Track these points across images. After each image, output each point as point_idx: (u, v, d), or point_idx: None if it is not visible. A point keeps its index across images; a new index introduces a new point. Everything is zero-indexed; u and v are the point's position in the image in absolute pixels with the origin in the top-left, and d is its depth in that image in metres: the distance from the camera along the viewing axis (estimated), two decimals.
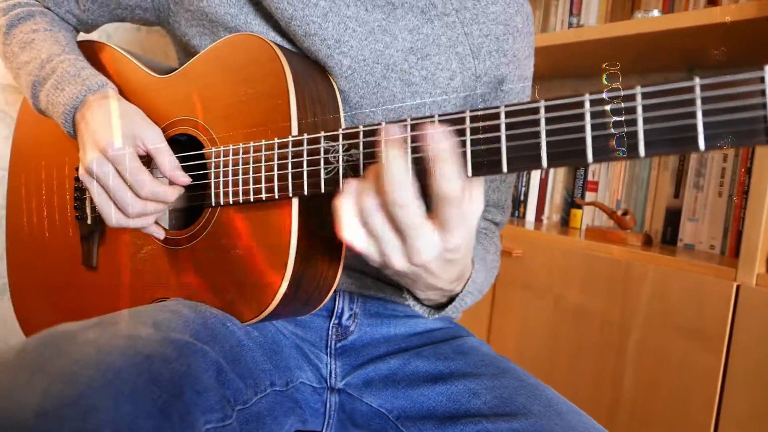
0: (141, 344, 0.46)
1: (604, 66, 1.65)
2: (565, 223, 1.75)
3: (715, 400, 1.12)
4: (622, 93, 0.45)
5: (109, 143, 0.67)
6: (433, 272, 0.54)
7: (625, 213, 1.42)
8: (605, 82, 1.75)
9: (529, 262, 1.47)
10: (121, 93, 0.79)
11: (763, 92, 0.41)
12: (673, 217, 1.46)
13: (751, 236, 1.11)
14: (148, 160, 0.71)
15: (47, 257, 0.86)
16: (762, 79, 0.41)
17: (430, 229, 0.49)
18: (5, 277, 1.34)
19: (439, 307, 0.68)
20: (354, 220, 0.51)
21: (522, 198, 1.83)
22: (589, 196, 1.66)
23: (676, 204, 1.46)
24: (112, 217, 0.69)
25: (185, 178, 0.70)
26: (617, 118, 0.45)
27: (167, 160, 0.69)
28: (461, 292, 0.65)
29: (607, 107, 0.45)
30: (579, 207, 1.69)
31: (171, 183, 0.70)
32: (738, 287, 1.10)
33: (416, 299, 0.68)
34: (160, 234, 0.73)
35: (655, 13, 1.28)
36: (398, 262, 0.51)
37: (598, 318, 1.30)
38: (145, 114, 0.73)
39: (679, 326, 1.17)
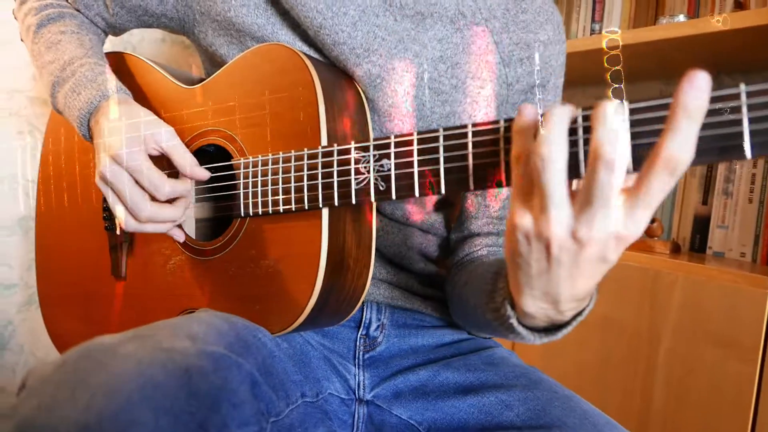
0: (179, 357, 0.45)
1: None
2: None
3: (750, 411, 1.09)
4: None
5: (120, 150, 0.68)
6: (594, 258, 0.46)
7: (652, 220, 1.40)
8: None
9: None
10: (150, 103, 0.80)
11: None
12: (701, 225, 1.44)
13: None
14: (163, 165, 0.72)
15: (76, 267, 0.87)
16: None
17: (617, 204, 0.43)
18: (34, 287, 1.35)
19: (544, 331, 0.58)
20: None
21: None
22: None
23: (704, 211, 1.43)
24: (126, 221, 0.69)
25: (204, 173, 0.71)
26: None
27: (183, 157, 0.70)
28: (582, 312, 0.55)
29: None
30: None
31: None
32: None
33: (522, 325, 0.57)
34: (180, 237, 0.73)
35: (681, 18, 1.26)
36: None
37: (627, 327, 1.28)
38: (160, 119, 0.73)
39: (710, 336, 1.15)
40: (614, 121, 0.41)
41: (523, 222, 0.46)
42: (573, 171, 0.45)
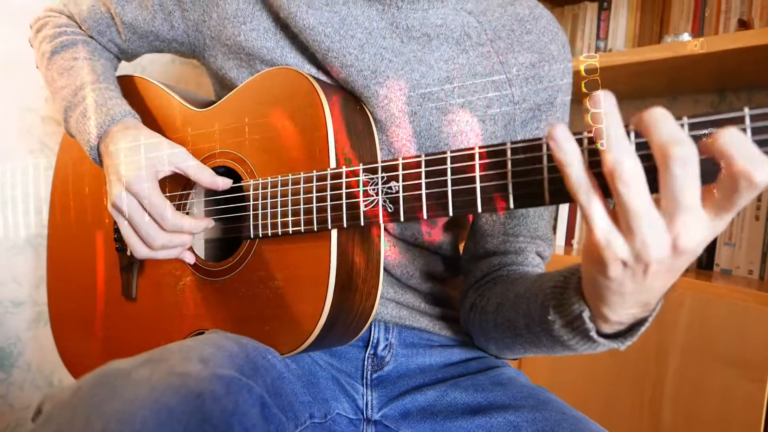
0: (191, 382, 0.46)
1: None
2: None
3: (760, 430, 1.08)
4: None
5: (130, 177, 0.69)
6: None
7: None
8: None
9: None
10: (161, 126, 0.81)
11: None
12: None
13: None
14: (178, 184, 0.72)
15: (87, 287, 0.88)
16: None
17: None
18: (43, 304, 1.36)
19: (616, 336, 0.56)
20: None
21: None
22: None
23: None
24: (138, 250, 0.71)
25: (226, 182, 0.72)
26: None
27: (202, 171, 0.71)
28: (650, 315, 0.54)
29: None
30: None
31: (206, 208, 0.72)
32: None
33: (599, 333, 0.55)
34: (191, 259, 0.74)
35: (686, 36, 1.27)
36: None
37: (634, 345, 1.27)
38: (171, 141, 0.74)
39: (719, 354, 1.14)
40: (668, 119, 0.41)
41: (617, 250, 0.44)
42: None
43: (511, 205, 0.52)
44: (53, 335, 0.93)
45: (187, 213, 0.77)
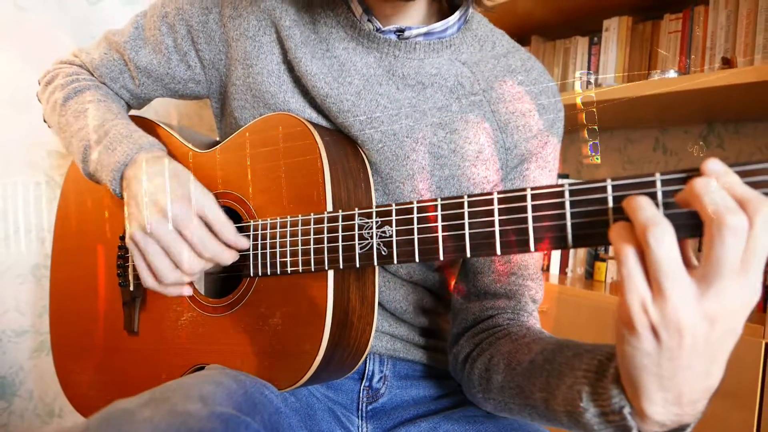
0: (192, 422, 0.48)
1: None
2: (589, 276, 1.75)
3: None
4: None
5: (169, 203, 0.68)
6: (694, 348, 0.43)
7: None
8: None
9: (555, 317, 1.48)
10: None
11: None
12: None
13: None
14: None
15: (90, 320, 0.90)
16: None
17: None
18: (45, 333, 1.38)
19: None
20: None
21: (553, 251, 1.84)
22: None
23: (700, 258, 1.46)
24: (168, 275, 0.68)
25: (246, 243, 0.72)
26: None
27: (228, 228, 0.71)
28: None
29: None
30: (603, 260, 1.70)
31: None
32: (767, 345, 1.10)
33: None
34: (189, 292, 0.74)
35: (672, 73, 1.31)
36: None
37: None
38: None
39: None
40: (721, 187, 0.41)
41: (646, 316, 0.43)
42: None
43: (498, 251, 0.55)
44: (55, 365, 0.95)
45: None
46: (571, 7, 1.75)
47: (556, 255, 1.82)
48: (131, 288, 0.83)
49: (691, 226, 0.44)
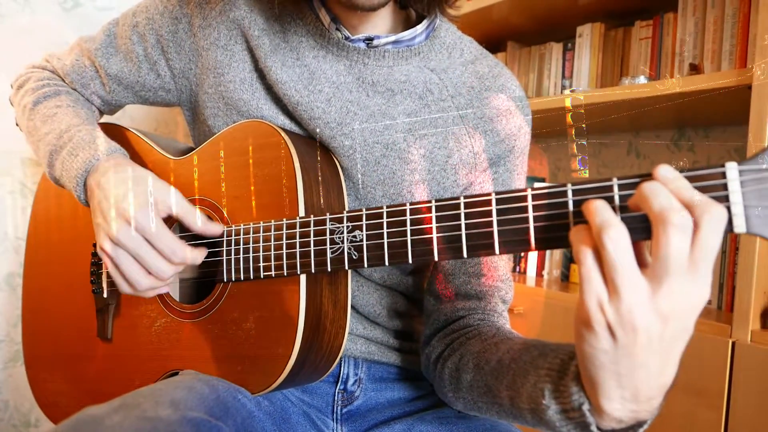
0: (161, 426, 0.49)
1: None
2: (565, 278, 1.78)
3: None
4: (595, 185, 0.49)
5: (133, 212, 0.68)
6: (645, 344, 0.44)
7: None
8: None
9: (531, 319, 1.50)
10: None
11: (724, 186, 0.45)
12: None
13: (743, 293, 1.13)
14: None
15: (63, 328, 0.90)
16: (723, 175, 0.45)
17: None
18: (20, 343, 1.37)
19: None
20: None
21: (522, 254, 1.86)
22: None
23: None
24: (143, 282, 0.69)
25: (218, 229, 0.73)
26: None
27: (196, 219, 0.72)
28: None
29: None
30: None
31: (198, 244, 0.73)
32: (733, 344, 1.12)
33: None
34: (165, 289, 0.74)
35: (642, 79, 1.34)
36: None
37: None
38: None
39: (679, 384, 1.18)
40: (668, 189, 0.43)
41: (602, 314, 0.44)
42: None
43: (465, 255, 0.56)
44: (27, 376, 0.94)
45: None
46: (546, 14, 1.78)
47: (532, 257, 1.84)
48: (104, 295, 0.83)
49: (646, 229, 0.46)
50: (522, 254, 1.87)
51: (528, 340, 0.66)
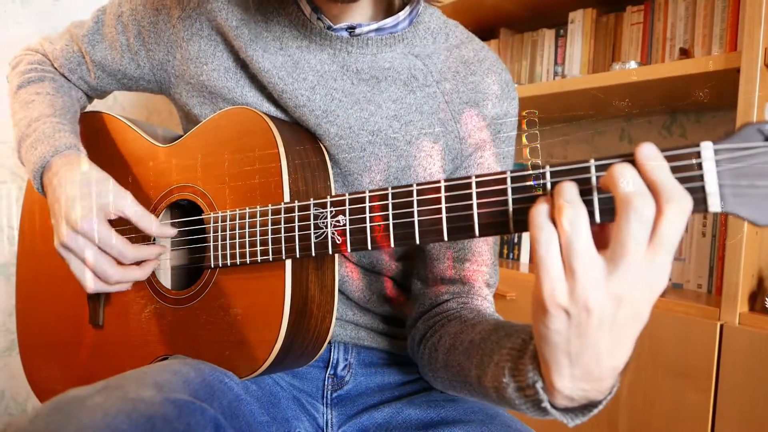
0: (143, 407, 0.49)
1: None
2: None
3: None
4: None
5: (79, 218, 0.71)
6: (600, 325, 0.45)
7: None
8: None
9: (523, 305, 1.51)
10: (126, 161, 0.84)
11: (699, 166, 0.46)
12: None
13: (732, 276, 1.14)
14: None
15: (55, 315, 0.90)
16: (698, 154, 0.46)
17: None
18: (15, 332, 1.37)
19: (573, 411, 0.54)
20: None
21: (516, 240, 1.87)
22: None
23: None
24: (91, 286, 0.73)
25: (171, 231, 0.76)
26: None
27: (148, 220, 0.74)
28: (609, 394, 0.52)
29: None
30: None
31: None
32: (722, 326, 1.13)
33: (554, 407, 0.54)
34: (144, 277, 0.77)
35: (632, 64, 1.34)
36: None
37: None
38: (115, 180, 0.76)
39: (668, 366, 1.20)
40: (644, 169, 0.43)
41: (557, 293, 0.45)
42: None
43: (445, 237, 0.56)
44: (22, 364, 0.95)
45: (154, 241, 0.80)
46: (538, 0, 1.77)
47: (526, 244, 1.85)
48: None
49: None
50: (515, 241, 1.88)
51: (499, 321, 0.67)
